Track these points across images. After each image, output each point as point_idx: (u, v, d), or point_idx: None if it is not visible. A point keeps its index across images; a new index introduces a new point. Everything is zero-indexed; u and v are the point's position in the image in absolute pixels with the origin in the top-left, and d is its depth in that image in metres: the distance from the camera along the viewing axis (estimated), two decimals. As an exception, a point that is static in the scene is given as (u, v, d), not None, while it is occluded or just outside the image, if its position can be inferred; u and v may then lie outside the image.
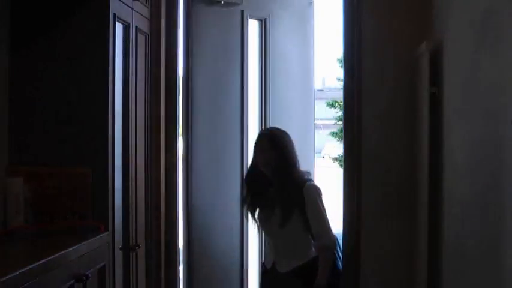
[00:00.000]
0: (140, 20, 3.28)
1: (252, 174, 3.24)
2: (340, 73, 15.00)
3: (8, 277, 1.88)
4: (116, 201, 2.93)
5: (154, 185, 3.47)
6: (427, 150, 2.76)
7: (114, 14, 2.88)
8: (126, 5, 3.07)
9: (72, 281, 2.36)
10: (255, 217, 3.25)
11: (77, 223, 2.75)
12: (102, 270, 2.70)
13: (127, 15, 3.08)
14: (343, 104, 3.34)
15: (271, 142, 3.16)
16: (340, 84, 3.40)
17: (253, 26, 4.17)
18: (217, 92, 4.04)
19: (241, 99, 4.08)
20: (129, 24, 3.10)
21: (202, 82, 3.94)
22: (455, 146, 2.49)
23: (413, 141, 3.11)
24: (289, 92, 4.28)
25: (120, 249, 2.97)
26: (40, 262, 2.11)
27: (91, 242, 2.61)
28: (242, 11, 4.03)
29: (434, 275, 2.73)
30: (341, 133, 3.43)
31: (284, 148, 3.15)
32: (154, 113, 3.47)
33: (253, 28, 4.17)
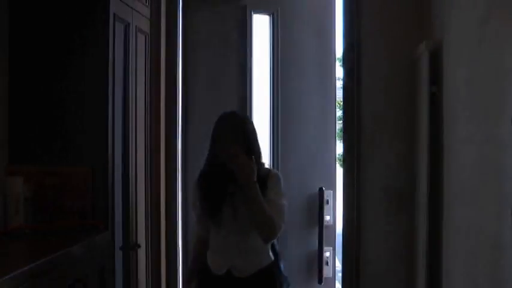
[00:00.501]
0: (140, 20, 3.28)
1: (211, 172, 2.75)
2: (340, 73, 14.92)
3: (8, 277, 1.87)
4: (116, 200, 2.93)
5: (154, 185, 3.47)
6: (427, 150, 2.76)
7: (114, 14, 2.88)
8: (126, 5, 3.06)
9: (72, 281, 2.36)
10: (215, 219, 2.74)
11: (77, 223, 2.75)
12: (102, 269, 2.70)
13: (127, 14, 3.08)
14: (343, 104, 3.34)
15: (242, 132, 2.68)
16: (340, 84, 3.40)
17: (263, 22, 3.92)
18: (218, 92, 4.01)
19: (243, 99, 4.04)
20: (129, 23, 3.10)
21: (202, 82, 3.92)
22: (455, 146, 2.49)
23: (413, 140, 3.12)
24: (303, 96, 3.86)
25: (120, 248, 2.98)
26: (40, 262, 2.11)
27: (91, 242, 2.61)
28: (245, 7, 3.94)
29: (434, 275, 2.74)
30: (341, 133, 3.41)
31: (255, 140, 2.74)
32: (154, 113, 3.47)
33: (263, 24, 3.92)
